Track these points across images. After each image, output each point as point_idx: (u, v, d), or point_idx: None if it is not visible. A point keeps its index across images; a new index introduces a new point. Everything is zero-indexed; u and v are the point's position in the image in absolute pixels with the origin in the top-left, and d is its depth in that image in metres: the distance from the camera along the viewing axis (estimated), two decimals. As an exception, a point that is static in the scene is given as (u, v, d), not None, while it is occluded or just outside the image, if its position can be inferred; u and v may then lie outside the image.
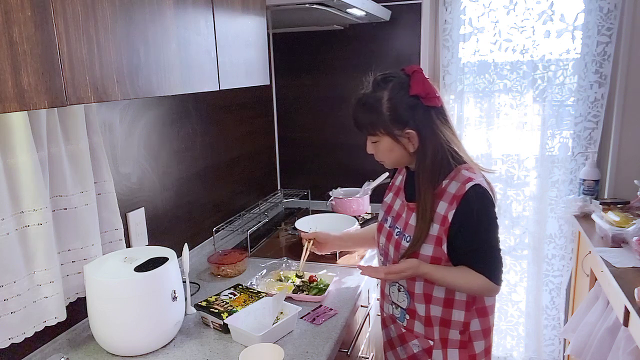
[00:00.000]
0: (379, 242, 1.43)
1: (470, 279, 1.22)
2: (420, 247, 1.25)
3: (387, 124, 1.23)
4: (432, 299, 1.29)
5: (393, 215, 1.38)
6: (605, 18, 2.10)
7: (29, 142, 1.15)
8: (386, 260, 1.39)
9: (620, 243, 1.85)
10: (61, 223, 1.31)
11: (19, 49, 0.73)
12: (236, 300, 1.43)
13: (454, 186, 1.22)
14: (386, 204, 1.44)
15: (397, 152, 1.26)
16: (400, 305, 1.36)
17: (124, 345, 1.24)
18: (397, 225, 1.35)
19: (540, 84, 2.25)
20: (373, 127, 1.25)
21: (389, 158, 1.29)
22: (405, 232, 1.30)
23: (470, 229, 1.21)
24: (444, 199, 1.23)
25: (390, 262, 1.36)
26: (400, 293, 1.35)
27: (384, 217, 1.43)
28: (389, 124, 1.23)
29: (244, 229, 2.09)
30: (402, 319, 1.37)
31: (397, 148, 1.25)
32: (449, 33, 2.30)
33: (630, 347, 1.55)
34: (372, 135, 1.27)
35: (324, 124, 2.58)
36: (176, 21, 1.08)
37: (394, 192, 1.44)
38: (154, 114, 1.68)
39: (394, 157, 1.29)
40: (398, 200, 1.39)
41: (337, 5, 1.62)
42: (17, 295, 1.17)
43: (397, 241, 1.33)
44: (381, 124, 1.23)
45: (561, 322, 2.49)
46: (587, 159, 2.26)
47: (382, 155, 1.30)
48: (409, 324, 1.35)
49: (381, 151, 1.28)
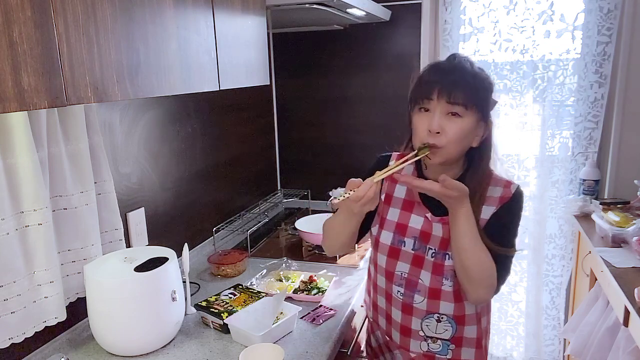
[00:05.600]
0: (391, 270, 1.23)
1: (487, 259, 1.10)
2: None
3: (487, 102, 1.11)
4: (481, 316, 1.22)
5: (415, 235, 1.19)
6: (605, 18, 2.10)
7: (29, 142, 1.15)
8: (414, 290, 1.20)
9: (620, 243, 1.84)
10: (61, 223, 1.31)
11: (19, 49, 0.73)
12: (236, 300, 1.43)
13: (497, 190, 1.15)
14: (392, 223, 1.23)
15: (466, 141, 1.10)
16: (441, 337, 1.21)
17: (124, 345, 1.24)
18: (431, 246, 1.18)
19: (540, 84, 2.25)
20: (476, 98, 1.07)
21: (454, 144, 1.08)
22: (448, 251, 1.16)
23: (504, 227, 1.14)
24: (488, 203, 1.14)
25: (423, 292, 1.19)
26: (441, 323, 1.20)
27: (395, 238, 1.21)
28: (488, 104, 1.11)
29: (244, 229, 2.09)
30: (444, 352, 1.22)
31: (470, 136, 1.10)
32: (449, 33, 2.30)
33: (630, 347, 1.55)
34: (465, 106, 1.06)
35: (324, 124, 2.58)
36: (176, 21, 1.08)
37: (398, 206, 1.23)
38: (154, 114, 1.68)
39: (459, 146, 1.10)
40: (416, 217, 1.20)
41: (337, 5, 1.62)
42: (17, 295, 1.17)
43: (436, 264, 1.17)
44: (485, 99, 1.10)
45: (561, 322, 2.49)
46: (587, 159, 2.26)
47: (451, 136, 1.07)
48: (455, 354, 1.23)
49: (454, 131, 1.07)
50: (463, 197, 1.07)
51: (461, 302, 1.18)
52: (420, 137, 1.11)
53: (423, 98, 1.09)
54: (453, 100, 1.06)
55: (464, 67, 1.09)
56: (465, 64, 1.10)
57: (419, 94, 1.11)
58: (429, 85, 1.09)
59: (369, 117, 2.49)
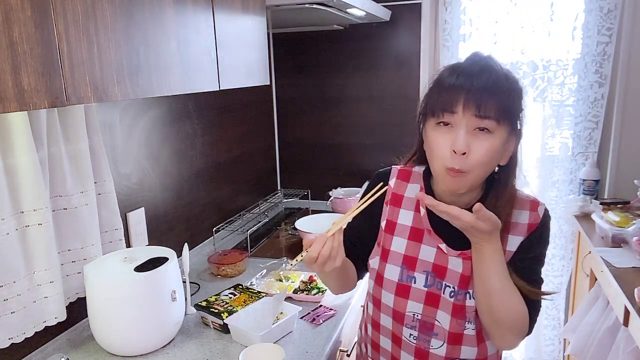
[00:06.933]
0: (401, 310, 1.03)
1: (519, 302, 0.94)
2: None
3: (519, 114, 0.92)
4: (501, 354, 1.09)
5: (428, 269, 1.00)
6: (605, 18, 2.10)
7: (29, 142, 1.15)
8: (430, 334, 1.02)
9: (620, 243, 1.85)
10: (61, 223, 1.31)
11: (19, 49, 0.73)
12: (236, 300, 1.43)
13: (523, 215, 0.98)
14: (399, 255, 1.03)
15: (495, 161, 0.91)
16: None
17: (124, 345, 1.24)
18: (448, 284, 0.99)
19: (540, 84, 2.25)
20: (511, 109, 0.89)
21: (482, 167, 0.89)
22: (469, 289, 0.98)
23: (535, 260, 0.98)
24: (515, 232, 0.97)
25: (442, 337, 1.01)
26: None
27: (403, 273, 1.02)
28: (520, 116, 0.93)
29: (244, 229, 2.09)
30: None
31: (499, 155, 0.91)
32: (449, 33, 2.30)
33: (630, 347, 1.55)
34: (497, 120, 0.87)
35: (324, 124, 2.58)
36: (176, 21, 1.08)
37: (404, 236, 1.04)
38: (154, 114, 1.68)
39: (488, 168, 0.91)
40: (427, 248, 1.01)
41: (337, 5, 1.62)
42: (17, 295, 1.17)
43: (457, 306, 0.98)
44: (519, 109, 0.92)
45: (561, 322, 2.49)
46: (587, 159, 2.26)
47: (479, 158, 0.87)
48: None
49: (484, 152, 0.87)
50: (495, 232, 0.90)
51: (483, 343, 1.03)
52: (441, 159, 0.90)
53: (443, 111, 0.88)
54: (483, 114, 0.85)
55: (494, 70, 0.88)
56: (496, 66, 0.90)
57: (437, 105, 0.89)
58: (452, 93, 0.87)
59: (369, 117, 2.49)
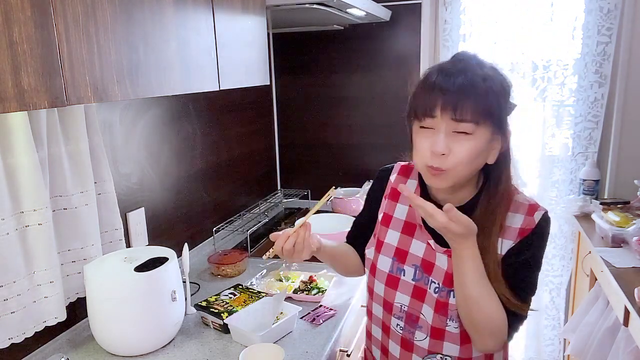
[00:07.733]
0: (390, 300, 1.07)
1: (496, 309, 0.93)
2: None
3: (503, 111, 0.92)
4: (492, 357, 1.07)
5: (416, 264, 1.03)
6: (605, 18, 2.10)
7: (29, 142, 1.15)
8: (415, 326, 1.04)
9: (620, 243, 1.85)
10: (61, 223, 1.30)
11: (19, 49, 0.73)
12: (236, 300, 1.43)
13: (517, 219, 0.97)
14: (391, 247, 1.08)
15: (479, 160, 0.93)
16: None
17: (124, 345, 1.24)
18: (434, 279, 1.01)
19: (540, 84, 2.25)
20: (489, 110, 0.89)
21: (464, 166, 0.91)
22: (453, 288, 0.98)
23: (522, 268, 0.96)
24: (505, 236, 0.96)
25: (425, 330, 1.03)
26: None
27: (394, 265, 1.06)
28: (504, 112, 0.93)
29: (244, 229, 2.09)
30: None
31: (484, 154, 0.93)
32: (449, 33, 2.30)
33: (630, 347, 1.55)
34: (475, 122, 0.88)
35: (324, 124, 2.59)
36: (176, 21, 1.08)
37: (398, 229, 1.08)
38: (154, 114, 1.68)
39: (471, 167, 0.92)
40: (418, 243, 1.05)
41: (337, 5, 1.62)
42: (17, 295, 1.17)
43: (439, 302, 1.00)
44: (501, 108, 0.91)
45: (561, 322, 2.48)
46: (587, 159, 2.26)
47: (460, 158, 0.90)
48: None
49: (464, 153, 0.90)
50: (469, 236, 0.91)
51: (468, 344, 1.02)
52: (422, 158, 0.93)
53: (424, 115, 0.91)
54: (459, 117, 0.88)
55: (471, 70, 0.90)
56: (474, 67, 0.91)
57: (418, 109, 0.93)
58: (430, 98, 0.90)
59: (368, 117, 2.49)
